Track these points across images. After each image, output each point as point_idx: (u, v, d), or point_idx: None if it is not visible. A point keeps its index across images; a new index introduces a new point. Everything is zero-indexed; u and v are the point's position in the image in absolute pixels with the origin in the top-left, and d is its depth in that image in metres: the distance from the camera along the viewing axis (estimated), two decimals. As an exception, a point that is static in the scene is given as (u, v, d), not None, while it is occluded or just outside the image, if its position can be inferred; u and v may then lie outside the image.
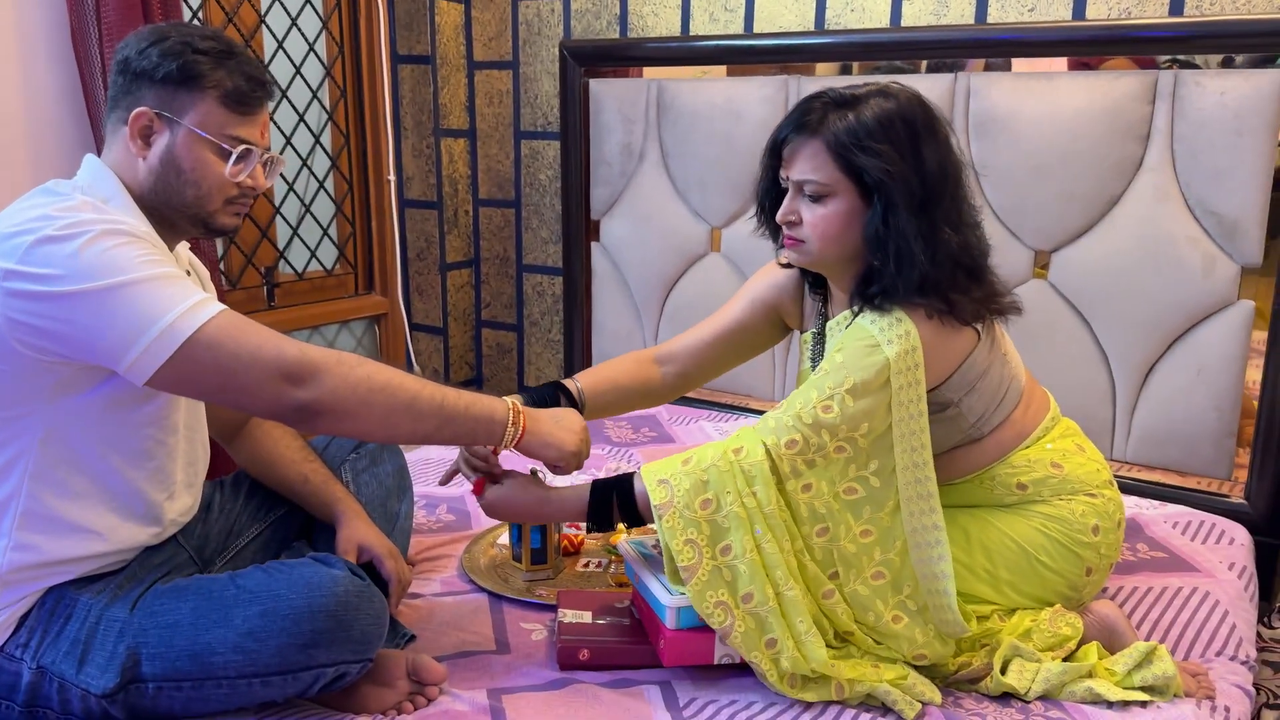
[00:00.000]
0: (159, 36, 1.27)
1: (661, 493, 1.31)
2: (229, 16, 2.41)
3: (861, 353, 1.33)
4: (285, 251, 2.66)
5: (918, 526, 1.35)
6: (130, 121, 1.26)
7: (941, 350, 1.36)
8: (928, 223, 1.32)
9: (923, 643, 1.35)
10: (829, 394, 1.32)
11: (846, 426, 1.31)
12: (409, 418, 1.24)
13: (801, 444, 1.31)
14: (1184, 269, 1.95)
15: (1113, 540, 1.50)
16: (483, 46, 2.85)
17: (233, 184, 1.30)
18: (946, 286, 1.35)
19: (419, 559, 1.71)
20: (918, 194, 1.32)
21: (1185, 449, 2.02)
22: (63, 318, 1.12)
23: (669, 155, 2.51)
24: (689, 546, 1.28)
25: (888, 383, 1.32)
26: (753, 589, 1.28)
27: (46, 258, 1.12)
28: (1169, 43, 1.95)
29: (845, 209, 1.36)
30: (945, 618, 1.35)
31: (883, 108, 1.33)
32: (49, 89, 2.04)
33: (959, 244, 1.35)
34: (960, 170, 1.38)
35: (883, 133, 1.32)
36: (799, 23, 2.36)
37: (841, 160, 1.34)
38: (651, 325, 2.65)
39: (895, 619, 1.35)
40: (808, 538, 1.32)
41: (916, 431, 1.34)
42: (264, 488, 1.56)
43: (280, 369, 1.16)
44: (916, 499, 1.35)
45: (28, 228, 1.14)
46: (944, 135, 1.37)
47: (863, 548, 1.34)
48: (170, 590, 1.24)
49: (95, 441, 1.24)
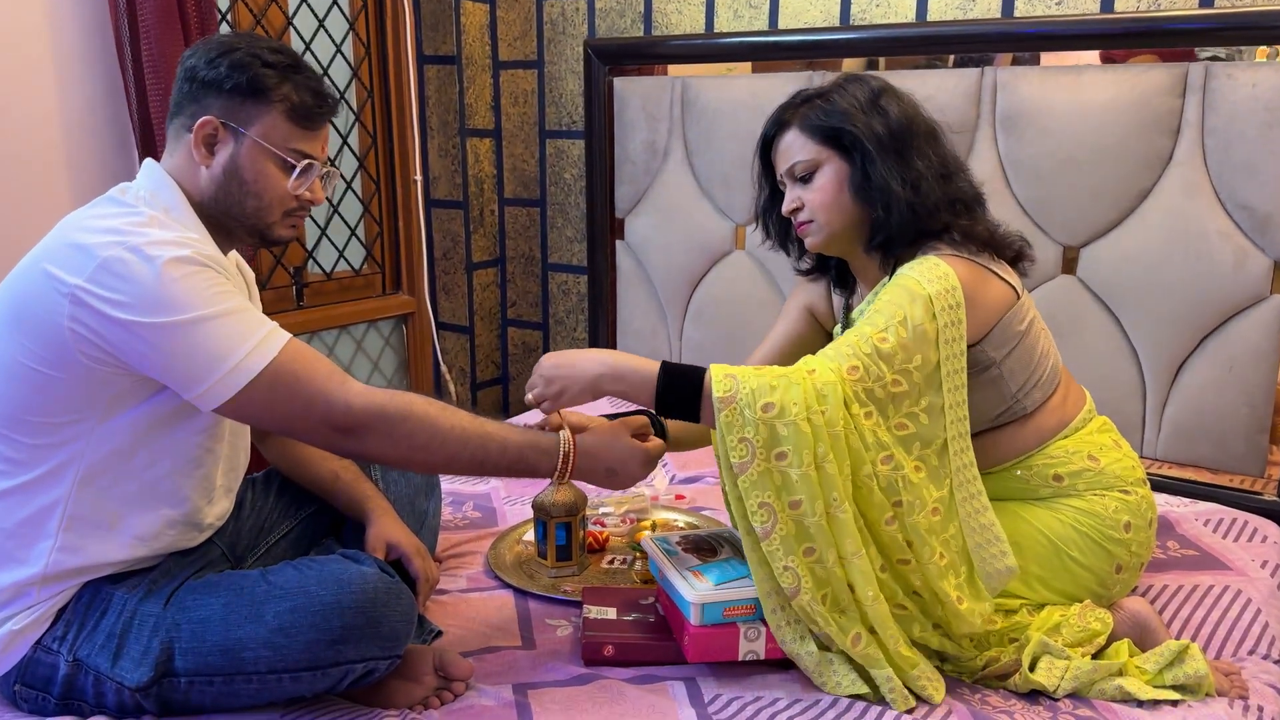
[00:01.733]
0: (228, 48, 1.29)
1: (726, 385, 1.27)
2: (257, 18, 2.43)
3: (905, 293, 1.36)
4: (314, 251, 2.68)
5: (959, 465, 1.37)
6: (195, 129, 1.28)
7: (980, 293, 1.39)
8: (903, 163, 1.42)
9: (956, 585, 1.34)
10: (882, 327, 1.34)
11: (902, 355, 1.32)
12: (450, 470, 1.33)
13: (862, 371, 1.31)
14: (1215, 263, 1.92)
15: (1144, 539, 1.49)
16: (508, 46, 2.86)
17: (292, 196, 1.33)
18: (947, 219, 1.43)
19: (446, 555, 1.72)
20: (887, 141, 1.42)
21: (1217, 445, 1.99)
22: (132, 343, 1.15)
23: (693, 153, 2.52)
24: (743, 445, 1.26)
25: (934, 318, 1.34)
26: (802, 498, 1.26)
27: (118, 280, 1.14)
28: (1199, 35, 1.93)
29: (834, 175, 1.46)
30: (989, 557, 1.35)
31: (844, 87, 1.48)
32: (85, 90, 2.07)
33: (940, 179, 1.44)
34: (931, 123, 1.48)
35: (846, 101, 1.45)
36: (824, 18, 2.35)
37: (818, 134, 1.46)
38: (676, 323, 2.65)
39: (940, 557, 1.34)
40: (874, 463, 1.30)
41: (959, 370, 1.37)
42: (294, 485, 1.59)
43: (329, 422, 1.21)
44: (958, 437, 1.37)
45: (98, 242, 1.16)
46: (907, 96, 1.49)
47: (921, 480, 1.34)
48: (203, 586, 1.26)
49: (146, 448, 1.26)
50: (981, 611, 1.35)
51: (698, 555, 1.43)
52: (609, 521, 1.83)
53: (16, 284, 1.21)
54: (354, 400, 1.21)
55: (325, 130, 1.38)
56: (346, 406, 1.20)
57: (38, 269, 1.17)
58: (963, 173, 1.50)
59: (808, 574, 1.27)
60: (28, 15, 1.97)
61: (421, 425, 1.23)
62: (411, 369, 2.96)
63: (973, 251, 1.42)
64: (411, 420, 1.23)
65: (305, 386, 1.19)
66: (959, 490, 1.37)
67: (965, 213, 1.45)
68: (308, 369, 1.20)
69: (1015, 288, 1.45)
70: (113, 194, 1.28)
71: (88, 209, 1.25)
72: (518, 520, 1.86)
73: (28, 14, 1.97)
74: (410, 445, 1.23)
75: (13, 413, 1.21)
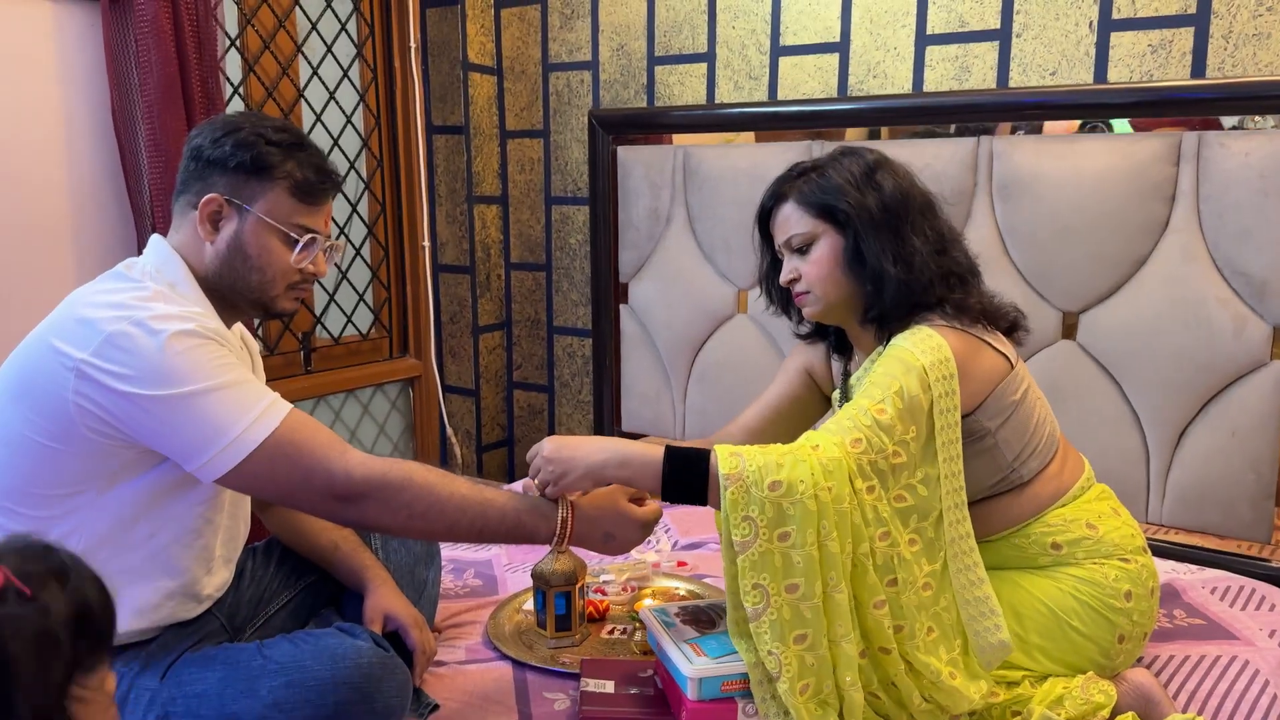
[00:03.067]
0: (233, 127, 1.33)
1: (732, 463, 1.26)
2: (269, 91, 2.50)
3: (899, 364, 1.37)
4: (322, 317, 2.72)
5: (955, 536, 1.36)
6: (200, 207, 1.31)
7: (973, 364, 1.40)
8: (896, 240, 1.44)
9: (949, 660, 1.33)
10: (879, 399, 1.34)
11: (900, 427, 1.32)
12: (450, 537, 1.33)
13: (865, 444, 1.31)
14: (1214, 330, 1.93)
15: (1146, 608, 1.47)
16: (514, 116, 2.92)
17: (295, 270, 1.35)
18: (941, 294, 1.44)
19: (445, 625, 1.72)
20: (880, 218, 1.44)
21: (1222, 511, 1.98)
22: (135, 415, 1.17)
23: (695, 219, 2.55)
24: (746, 523, 1.24)
25: (928, 389, 1.34)
26: (800, 581, 1.24)
27: (123, 353, 1.16)
28: (1191, 105, 1.96)
29: (830, 249, 1.48)
30: (983, 630, 1.34)
31: (840, 160, 1.51)
32: (91, 166, 2.11)
33: (935, 254, 1.45)
34: (927, 196, 1.51)
35: (840, 175, 1.48)
36: (822, 89, 2.40)
37: (813, 208, 1.48)
38: (680, 386, 2.66)
39: (929, 631, 1.33)
40: (872, 540, 1.29)
41: (954, 441, 1.37)
42: (295, 555, 1.59)
43: (329, 491, 1.22)
44: (954, 508, 1.36)
45: (103, 316, 1.18)
46: (902, 170, 1.51)
47: (914, 555, 1.33)
48: (199, 659, 1.26)
49: (147, 520, 1.27)
50: (978, 688, 1.34)
51: (696, 627, 1.42)
52: (610, 589, 1.83)
53: (23, 358, 1.23)
54: (354, 469, 1.22)
55: (329, 205, 1.41)
56: (347, 475, 1.21)
57: (44, 343, 1.20)
58: (958, 245, 1.51)
59: (792, 661, 1.25)
60: (40, 88, 2.02)
61: (421, 494, 1.24)
62: (418, 432, 2.98)
63: (966, 323, 1.43)
64: (411, 489, 1.24)
65: (306, 457, 1.21)
66: (953, 562, 1.36)
67: (959, 286, 1.47)
68: (308, 439, 1.22)
69: (1009, 357, 1.46)
70: (119, 269, 1.31)
71: (94, 284, 1.28)
72: (519, 588, 1.85)
73: (40, 87, 2.02)
74: (410, 513, 1.24)
75: (17, 485, 1.23)
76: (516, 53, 2.88)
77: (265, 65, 2.50)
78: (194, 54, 2.05)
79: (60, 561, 0.80)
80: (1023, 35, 2.16)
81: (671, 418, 2.69)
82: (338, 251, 1.45)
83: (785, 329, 1.71)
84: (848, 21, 2.35)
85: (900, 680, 1.31)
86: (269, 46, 2.49)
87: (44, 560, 0.79)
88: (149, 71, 1.99)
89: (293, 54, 2.57)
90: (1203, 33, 1.98)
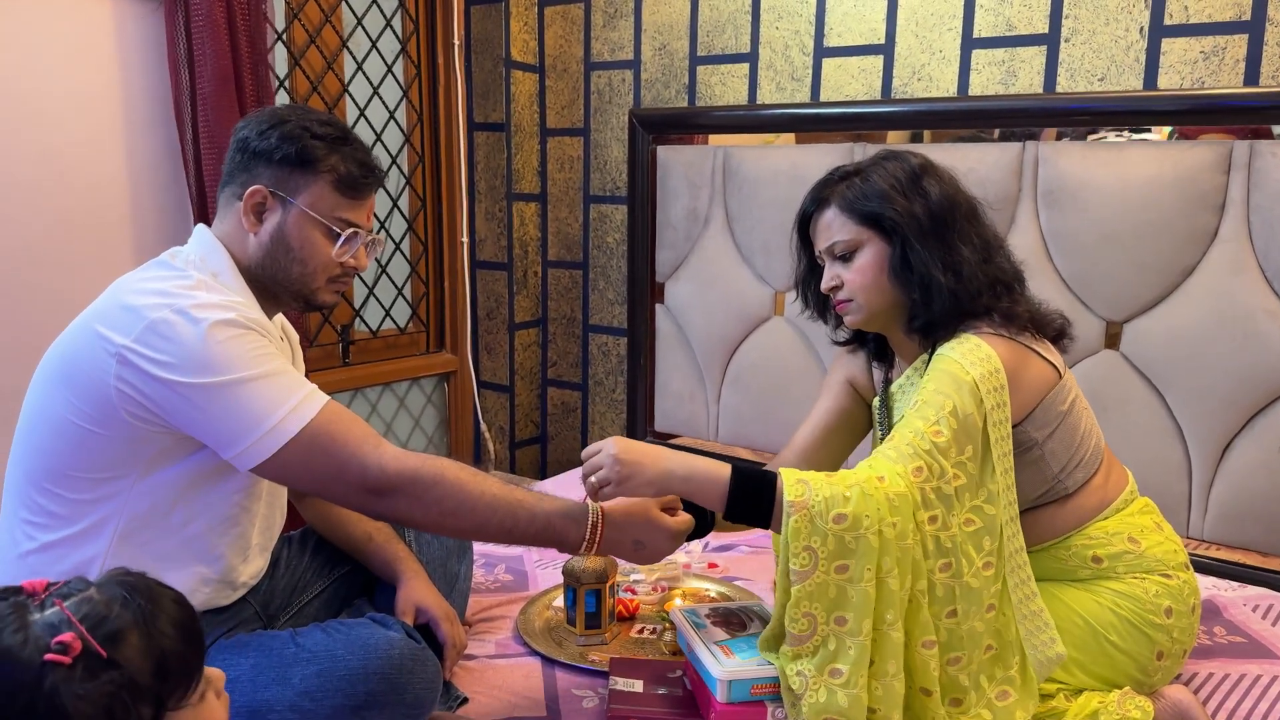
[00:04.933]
0: (279, 120, 1.34)
1: (799, 490, 1.25)
2: (314, 85, 2.52)
3: (949, 379, 1.34)
4: (361, 310, 2.74)
5: (1012, 550, 1.34)
6: (245, 198, 1.33)
7: (1022, 374, 1.38)
8: (944, 247, 1.41)
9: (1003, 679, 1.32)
10: (934, 420, 1.31)
11: (955, 449, 1.30)
12: (479, 537, 1.33)
13: (927, 471, 1.28)
14: (1262, 342, 1.89)
15: (1186, 625, 1.44)
16: (555, 115, 2.93)
17: (337, 263, 1.36)
18: (988, 302, 1.41)
19: (475, 619, 1.72)
20: (928, 225, 1.42)
21: (1266, 528, 1.94)
22: (175, 402, 1.18)
23: (734, 220, 2.54)
24: (807, 553, 1.23)
25: (980, 403, 1.32)
26: (850, 616, 1.23)
27: (164, 341, 1.17)
28: (1244, 113, 1.92)
29: (874, 257, 1.45)
30: (1040, 645, 1.32)
31: (883, 164, 1.47)
32: (150, 154, 2.15)
33: (982, 261, 1.43)
34: (972, 202, 1.48)
35: (885, 181, 1.44)
36: (865, 91, 2.38)
37: (857, 215, 1.45)
38: (714, 388, 2.65)
39: (988, 650, 1.31)
40: (931, 572, 1.28)
41: (1007, 454, 1.34)
42: (329, 545, 1.60)
43: (362, 484, 1.22)
44: (1010, 521, 1.34)
45: (146, 304, 1.19)
46: (947, 175, 1.48)
47: (985, 581, 1.30)
48: (232, 646, 1.27)
49: (184, 506, 1.28)
50: (1025, 713, 1.32)
51: (726, 629, 1.42)
52: (640, 589, 1.83)
53: (68, 343, 1.25)
54: (388, 463, 1.23)
55: (371, 199, 1.42)
56: (380, 469, 1.22)
57: (88, 329, 1.22)
58: (1003, 251, 1.49)
59: (821, 690, 1.23)
60: (101, 80, 2.07)
61: (452, 491, 1.25)
62: (452, 426, 3.00)
63: (1013, 331, 1.41)
64: (443, 485, 1.24)
65: (341, 449, 1.22)
66: (1010, 576, 1.33)
67: (1006, 294, 1.44)
68: (344, 431, 1.22)
69: (1057, 367, 1.44)
70: (163, 258, 1.33)
71: (138, 272, 1.30)
72: (549, 584, 1.86)
73: (101, 79, 2.07)
74: (441, 510, 1.24)
75: (57, 467, 1.24)
76: (559, 51, 2.89)
77: (311, 60, 2.52)
78: (246, 48, 2.08)
79: (140, 607, 0.79)
80: (1071, 40, 2.12)
81: (705, 419, 2.69)
82: (379, 246, 1.46)
83: (822, 333, 1.69)
84: (893, 23, 2.33)
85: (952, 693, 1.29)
86: (314, 41, 2.52)
87: (124, 608, 0.79)
88: (204, 65, 2.03)
89: (338, 49, 2.59)
90: (1257, 40, 1.94)
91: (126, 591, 0.80)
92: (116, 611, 0.78)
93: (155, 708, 0.77)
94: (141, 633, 0.78)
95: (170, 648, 0.79)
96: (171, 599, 0.83)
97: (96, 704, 0.74)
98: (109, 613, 0.78)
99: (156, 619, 0.79)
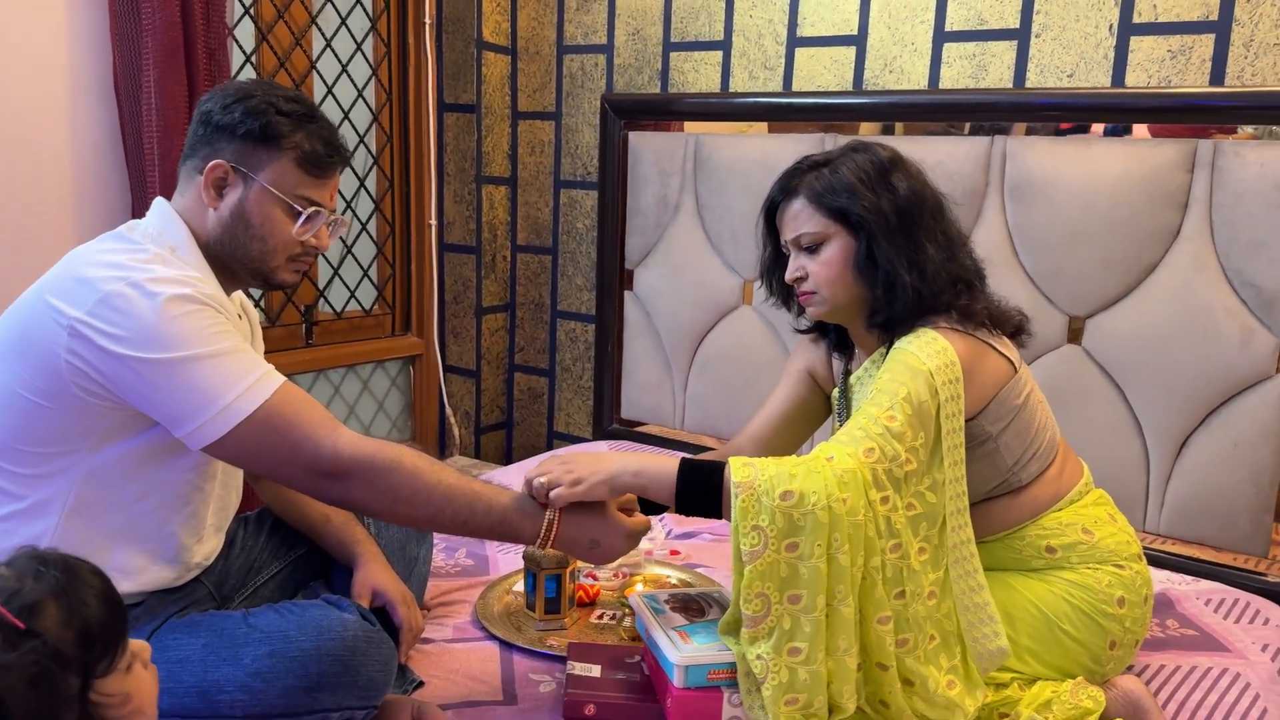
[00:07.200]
0: (244, 94, 1.31)
1: (745, 472, 1.25)
2: (281, 61, 2.49)
3: (905, 369, 1.35)
4: (325, 291, 2.71)
5: (957, 541, 1.35)
6: (206, 172, 1.30)
7: (977, 368, 1.39)
8: (910, 244, 1.42)
9: (949, 669, 1.32)
10: (888, 406, 1.32)
11: (910, 433, 1.30)
12: (433, 527, 1.32)
13: (879, 453, 1.28)
14: (1221, 340, 1.92)
15: (1139, 615, 1.46)
16: (527, 97, 2.91)
17: (297, 242, 1.34)
18: (949, 299, 1.42)
19: (434, 603, 1.71)
20: (893, 220, 1.42)
21: (1221, 524, 1.97)
22: (126, 377, 1.16)
23: (704, 208, 2.54)
24: (756, 532, 1.22)
25: (935, 393, 1.33)
26: (804, 593, 1.23)
27: (118, 314, 1.15)
28: (1208, 112, 1.94)
29: (840, 251, 1.45)
30: (981, 637, 1.33)
31: (852, 156, 1.47)
32: (94, 130, 2.09)
33: (945, 259, 1.43)
34: (939, 197, 1.48)
35: (854, 174, 1.44)
36: (837, 82, 2.38)
37: (824, 207, 1.45)
38: (681, 376, 2.65)
39: (931, 639, 1.32)
40: (884, 552, 1.28)
41: (958, 445, 1.35)
42: (286, 526, 1.58)
43: (315, 468, 1.20)
44: (957, 513, 1.35)
45: (100, 276, 1.17)
46: (915, 169, 1.48)
47: (922, 565, 1.32)
48: (184, 625, 1.26)
49: (135, 484, 1.26)
50: (974, 700, 1.32)
51: (685, 615, 1.42)
52: (601, 575, 1.82)
53: (19, 314, 1.22)
54: (343, 447, 1.21)
55: (335, 179, 1.39)
56: (335, 453, 1.20)
57: (41, 300, 1.19)
58: (965, 247, 1.49)
59: (783, 671, 1.23)
60: (46, 50, 2.00)
61: (407, 478, 1.23)
62: (416, 411, 2.97)
63: (971, 327, 1.42)
64: (399, 473, 1.22)
65: (295, 430, 1.20)
66: (954, 568, 1.34)
67: (966, 291, 1.44)
68: (299, 413, 1.21)
69: (1013, 361, 1.45)
70: (121, 230, 1.30)
71: (94, 243, 1.27)
72: (510, 569, 1.85)
73: (46, 48, 2.00)
74: (394, 497, 1.23)
75: (6, 442, 1.22)
76: (532, 33, 2.86)
77: (279, 35, 2.48)
78: (201, 22, 2.03)
79: (55, 579, 0.79)
80: (1042, 36, 2.13)
81: (672, 407, 2.68)
82: (342, 226, 1.44)
83: (789, 322, 1.69)
84: (866, 15, 2.33)
85: (893, 699, 1.29)
86: (283, 16, 2.48)
87: (38, 581, 0.78)
88: (151, 36, 1.97)
89: (306, 25, 2.55)
90: (1223, 40, 1.96)
91: (40, 565, 0.80)
92: (30, 585, 0.78)
93: (83, 677, 0.77)
94: (60, 604, 0.78)
95: (93, 616, 0.78)
96: (89, 570, 0.82)
97: (22, 674, 0.73)
98: (21, 586, 0.78)
99: (74, 589, 0.79)
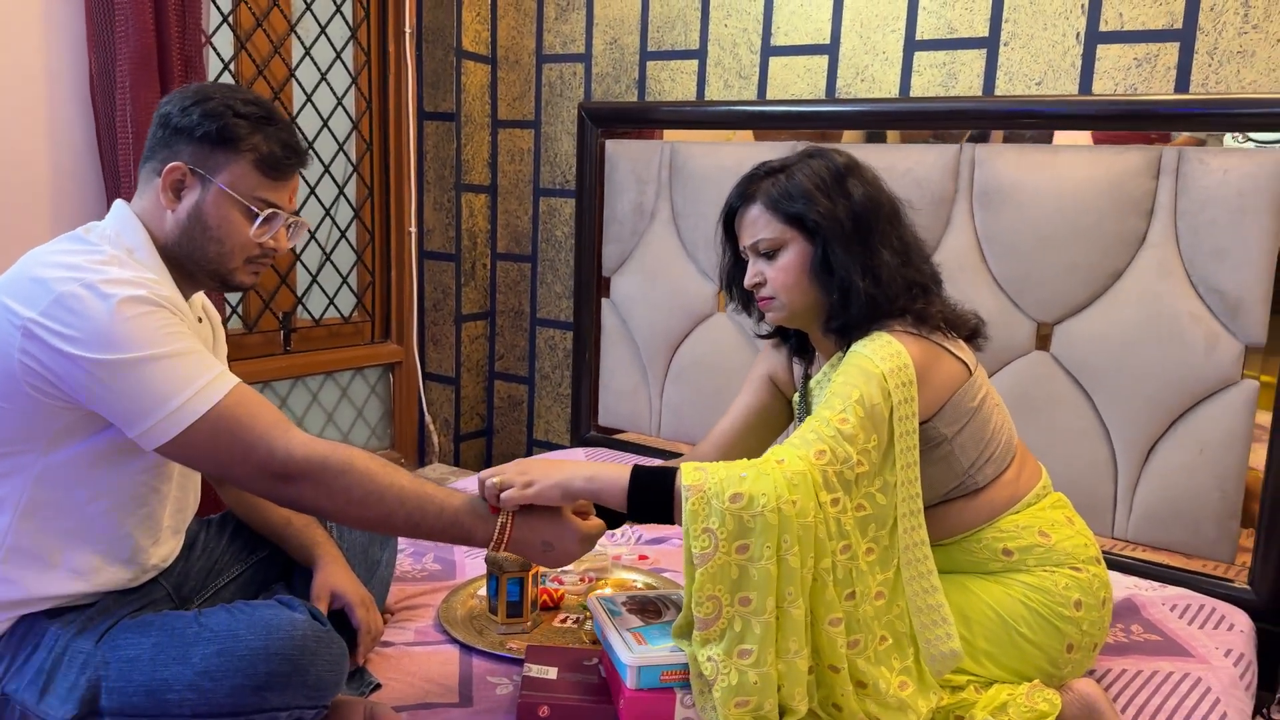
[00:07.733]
0: (203, 96, 1.32)
1: (695, 476, 1.26)
2: (259, 69, 2.50)
3: (859, 372, 1.36)
4: (304, 298, 2.72)
5: (909, 543, 1.35)
6: (164, 174, 1.31)
7: (932, 371, 1.40)
8: (865, 250, 1.43)
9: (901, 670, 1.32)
10: (840, 409, 1.33)
11: (863, 436, 1.31)
12: (385, 529, 1.33)
13: (830, 455, 1.29)
14: (1186, 346, 1.92)
15: (1096, 618, 1.47)
16: (507, 106, 2.92)
17: (255, 244, 1.35)
18: (904, 304, 1.43)
19: (398, 607, 1.71)
20: (849, 226, 1.43)
21: (1188, 529, 1.97)
22: (78, 377, 1.16)
23: (679, 215, 2.55)
24: (706, 535, 1.23)
25: (888, 396, 1.34)
26: (754, 595, 1.23)
27: (71, 315, 1.15)
28: (1174, 120, 1.95)
29: (797, 256, 1.46)
30: (934, 639, 1.33)
31: (808, 162, 1.48)
32: (72, 133, 2.10)
33: (900, 265, 1.44)
34: (894, 203, 1.49)
35: (810, 180, 1.45)
36: (810, 91, 2.40)
37: (781, 213, 1.46)
38: (657, 383, 2.65)
39: (881, 640, 1.32)
40: (834, 554, 1.28)
41: (911, 448, 1.36)
42: (249, 529, 1.58)
43: (268, 469, 1.21)
44: (909, 515, 1.35)
45: (54, 277, 1.17)
46: (870, 175, 1.49)
47: (869, 566, 1.32)
48: (136, 625, 1.26)
49: (89, 484, 1.26)
50: (927, 702, 1.33)
51: (641, 617, 1.42)
52: (567, 579, 1.82)
53: None
54: (295, 449, 1.21)
55: (294, 181, 1.40)
56: (288, 454, 1.21)
57: None
58: (922, 253, 1.50)
59: (732, 673, 1.23)
60: (24, 53, 2.01)
61: (360, 480, 1.23)
62: (396, 418, 2.98)
63: (926, 331, 1.43)
64: (351, 474, 1.23)
65: (247, 432, 1.20)
66: (907, 569, 1.35)
67: (922, 295, 1.45)
68: (251, 415, 1.21)
69: (968, 364, 1.45)
70: (77, 232, 1.31)
71: (50, 245, 1.27)
72: (477, 574, 1.85)
73: (24, 51, 2.01)
74: (347, 499, 1.23)
75: None
76: (511, 42, 2.88)
77: (257, 43, 2.50)
78: (176, 28, 2.04)
79: None
80: (1010, 44, 2.15)
81: (648, 414, 2.69)
82: (301, 228, 1.44)
83: (750, 327, 1.70)
84: (838, 24, 2.34)
85: (845, 702, 1.30)
86: (261, 24, 2.49)
87: None
88: (124, 42, 1.98)
89: (285, 33, 2.57)
90: (1188, 48, 1.97)
91: None
92: None
93: None
94: None
95: None
96: None
97: None
98: None
99: None
